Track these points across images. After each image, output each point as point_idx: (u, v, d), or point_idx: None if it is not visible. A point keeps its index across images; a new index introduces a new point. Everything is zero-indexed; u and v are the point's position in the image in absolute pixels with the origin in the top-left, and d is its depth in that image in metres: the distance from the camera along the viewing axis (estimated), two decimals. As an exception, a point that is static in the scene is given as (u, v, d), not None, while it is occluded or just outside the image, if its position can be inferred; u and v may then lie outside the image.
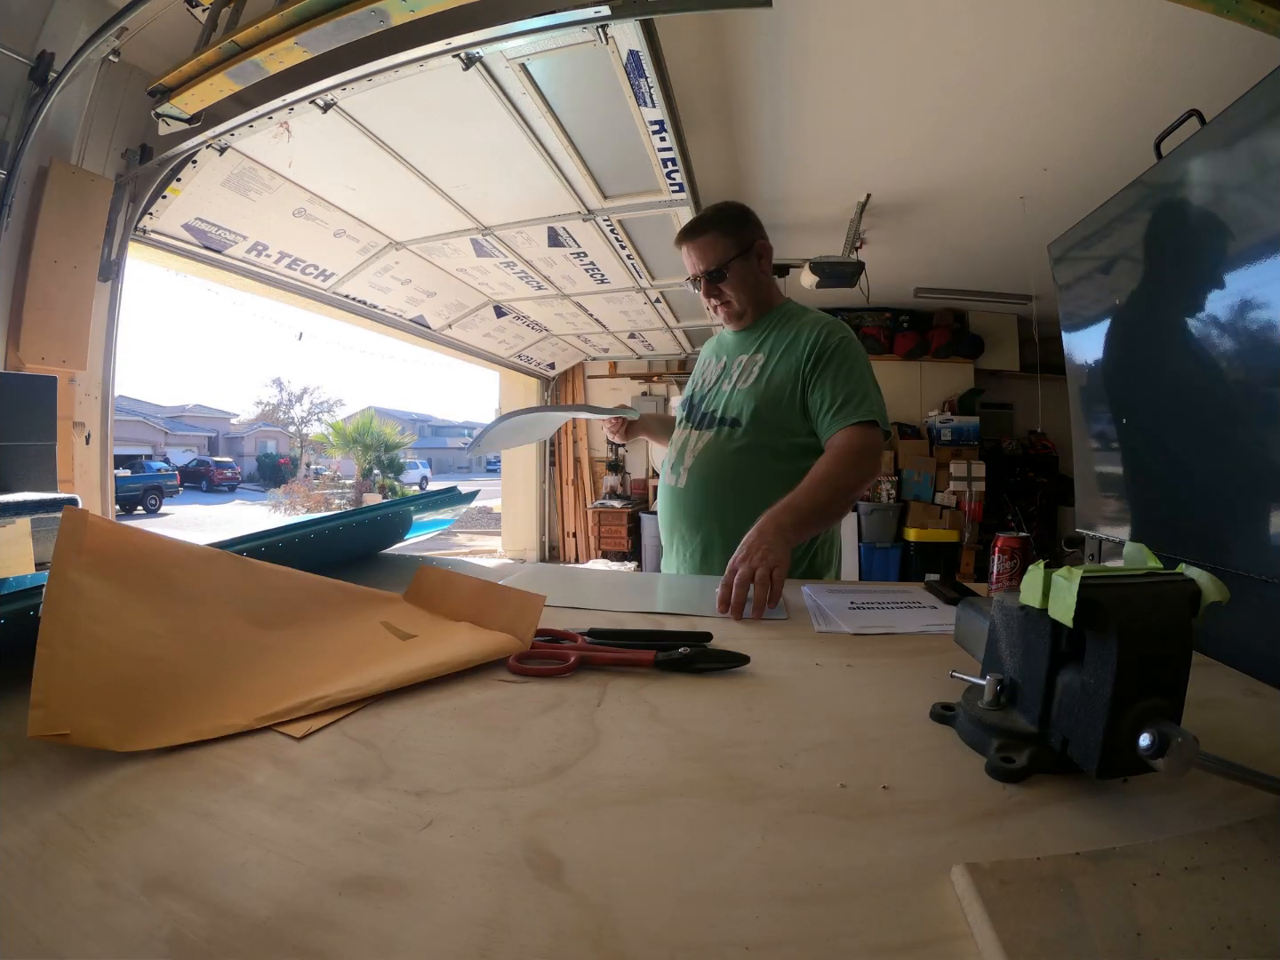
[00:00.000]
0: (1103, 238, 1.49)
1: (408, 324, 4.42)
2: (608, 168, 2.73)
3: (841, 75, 2.33)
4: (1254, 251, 1.03)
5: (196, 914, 0.30)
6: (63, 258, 2.16)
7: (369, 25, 1.57)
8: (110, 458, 2.53)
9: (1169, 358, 1.26)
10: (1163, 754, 0.36)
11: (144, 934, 0.29)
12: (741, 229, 1.29)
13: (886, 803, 0.40)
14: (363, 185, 2.85)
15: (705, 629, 0.70)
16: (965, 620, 0.59)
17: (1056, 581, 0.40)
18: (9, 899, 0.31)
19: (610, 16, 1.67)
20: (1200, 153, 1.15)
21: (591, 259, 3.73)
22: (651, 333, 5.57)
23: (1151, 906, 0.30)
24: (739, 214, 1.32)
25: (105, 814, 0.38)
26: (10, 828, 0.36)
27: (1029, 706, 0.45)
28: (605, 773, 0.44)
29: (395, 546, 1.19)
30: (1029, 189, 3.01)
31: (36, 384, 1.18)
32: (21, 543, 0.98)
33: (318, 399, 29.73)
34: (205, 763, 0.44)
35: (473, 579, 0.76)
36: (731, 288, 1.29)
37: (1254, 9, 1.28)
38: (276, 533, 0.74)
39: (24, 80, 1.97)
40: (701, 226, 1.29)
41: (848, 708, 0.55)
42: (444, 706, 0.54)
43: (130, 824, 0.37)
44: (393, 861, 0.34)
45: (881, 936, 0.30)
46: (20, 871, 0.33)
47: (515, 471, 7.10)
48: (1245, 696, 0.58)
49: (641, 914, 0.31)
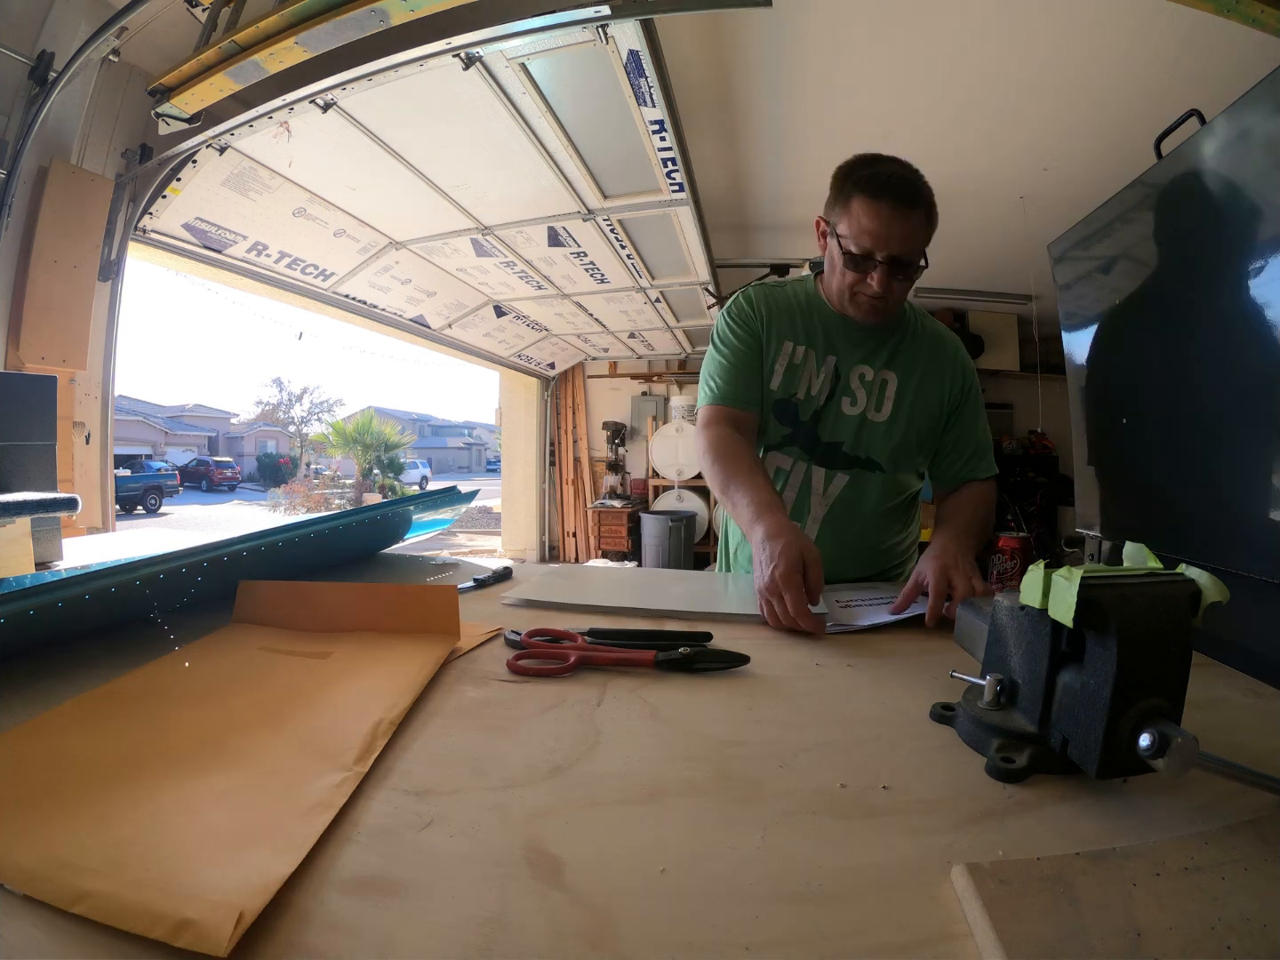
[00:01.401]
0: (1103, 238, 1.49)
1: (408, 324, 4.42)
2: (608, 167, 2.73)
3: (841, 75, 2.33)
4: (1254, 251, 1.03)
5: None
6: (63, 257, 2.16)
7: (369, 25, 1.57)
8: (110, 457, 2.54)
9: (1169, 358, 1.26)
10: (1163, 754, 0.36)
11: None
12: (934, 221, 1.00)
13: (886, 802, 0.40)
14: (363, 185, 2.85)
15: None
16: (965, 620, 0.59)
17: (1056, 581, 0.40)
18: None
19: (610, 16, 1.67)
20: (1200, 153, 1.15)
21: (591, 259, 3.72)
22: (651, 332, 5.56)
23: (1151, 906, 0.30)
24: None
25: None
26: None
27: (1029, 706, 0.45)
28: (605, 773, 0.44)
29: (395, 546, 1.19)
30: (1029, 189, 3.01)
31: (36, 384, 1.18)
32: (21, 542, 0.97)
33: (318, 399, 29.82)
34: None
35: (349, 585, 0.71)
36: (903, 288, 1.01)
37: (1254, 9, 1.28)
38: (276, 532, 0.74)
39: (24, 80, 1.97)
40: (918, 198, 0.96)
41: (848, 708, 0.55)
42: (444, 706, 0.54)
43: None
44: (393, 861, 0.34)
45: (881, 936, 0.30)
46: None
47: (515, 471, 7.10)
48: (1245, 696, 0.57)
49: (641, 914, 0.31)
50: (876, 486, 1.07)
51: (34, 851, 0.33)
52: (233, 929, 0.27)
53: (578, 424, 7.01)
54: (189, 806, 0.38)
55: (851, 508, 1.07)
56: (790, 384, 1.08)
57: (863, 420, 1.07)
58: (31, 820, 0.35)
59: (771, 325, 1.09)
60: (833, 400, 1.07)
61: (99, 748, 0.44)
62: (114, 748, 0.44)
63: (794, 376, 1.08)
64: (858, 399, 1.07)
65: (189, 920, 0.28)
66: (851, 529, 1.08)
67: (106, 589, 0.59)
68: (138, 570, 0.61)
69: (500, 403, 7.35)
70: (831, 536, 1.06)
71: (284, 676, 0.57)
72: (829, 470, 1.07)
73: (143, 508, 14.92)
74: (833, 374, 1.07)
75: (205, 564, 0.67)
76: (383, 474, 14.69)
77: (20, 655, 0.59)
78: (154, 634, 0.66)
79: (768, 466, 1.08)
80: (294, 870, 0.32)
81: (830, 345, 1.08)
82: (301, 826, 0.35)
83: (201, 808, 0.37)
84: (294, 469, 22.66)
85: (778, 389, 1.08)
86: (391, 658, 0.61)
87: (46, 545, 1.05)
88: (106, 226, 2.31)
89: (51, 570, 1.01)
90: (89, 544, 1.39)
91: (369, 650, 0.63)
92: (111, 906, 0.29)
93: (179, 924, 0.28)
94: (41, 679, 0.55)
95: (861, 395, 1.07)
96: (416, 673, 0.57)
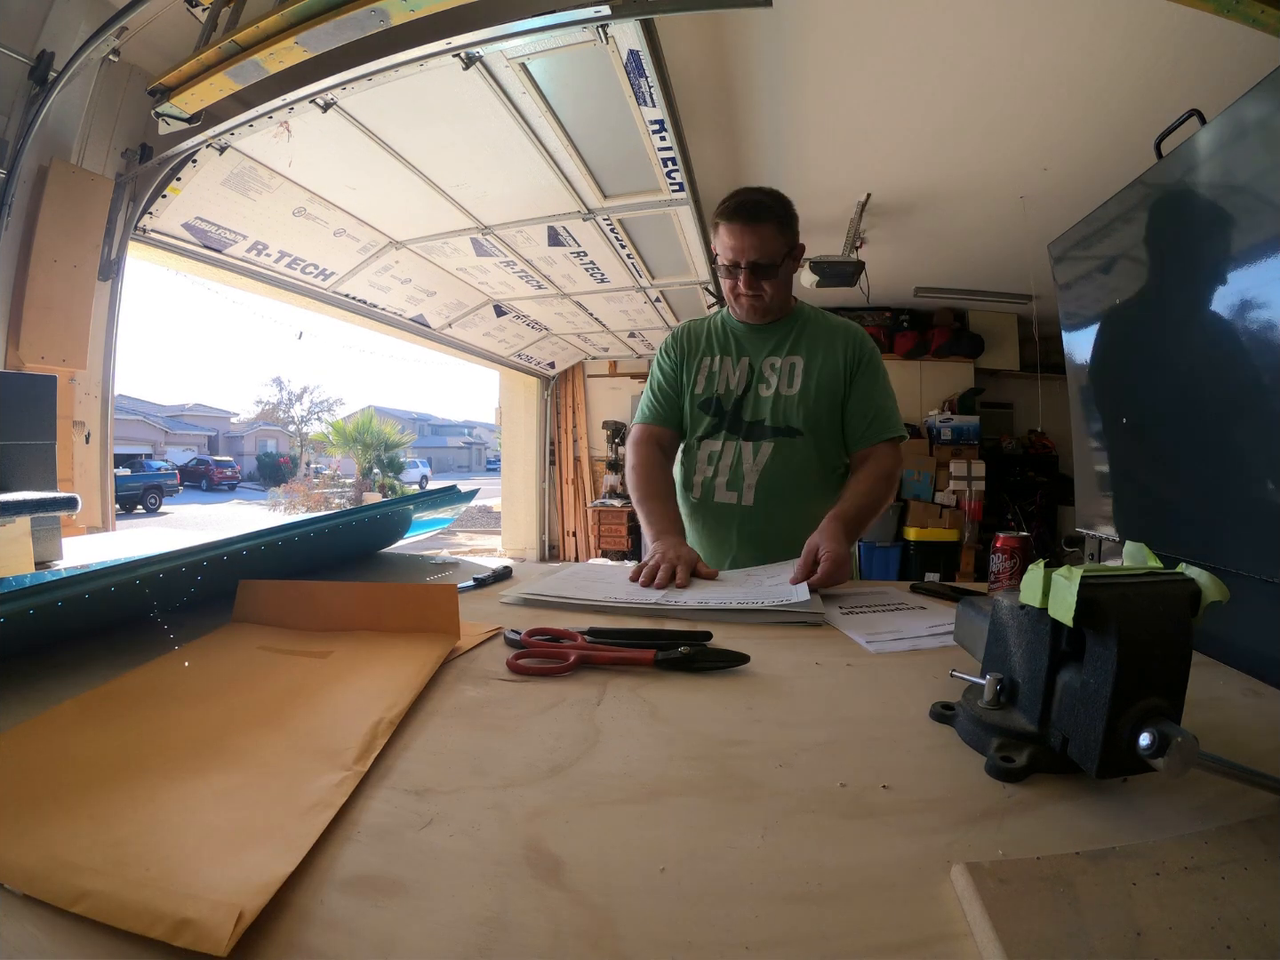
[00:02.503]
0: (1103, 238, 1.49)
1: (408, 323, 4.42)
2: (608, 167, 2.73)
3: (842, 75, 2.33)
4: (1254, 251, 1.03)
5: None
6: (63, 257, 2.16)
7: (369, 25, 1.57)
8: (110, 457, 2.54)
9: (1169, 357, 1.26)
10: (1163, 754, 0.36)
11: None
12: (794, 226, 1.23)
13: (886, 802, 0.40)
14: (363, 185, 2.85)
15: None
16: (965, 620, 0.59)
17: (1056, 581, 0.40)
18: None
19: (610, 16, 1.67)
20: (1200, 153, 1.15)
21: (591, 258, 3.72)
22: (651, 332, 5.56)
23: (1151, 906, 0.30)
24: (792, 209, 1.23)
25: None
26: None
27: (1029, 706, 0.45)
28: (605, 772, 0.44)
29: (395, 545, 1.19)
30: (1029, 189, 3.01)
31: (36, 383, 1.18)
32: (21, 542, 0.97)
33: (318, 398, 29.79)
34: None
35: (349, 585, 0.71)
36: (773, 285, 1.22)
37: (1254, 9, 1.28)
38: (276, 532, 0.74)
39: (24, 80, 1.97)
40: (762, 214, 1.17)
41: (848, 707, 0.55)
42: (444, 706, 0.54)
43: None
44: (393, 861, 0.34)
45: (881, 936, 0.30)
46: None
47: (515, 470, 7.10)
48: (1245, 696, 0.57)
49: (641, 914, 0.31)
50: (798, 450, 1.22)
51: (34, 851, 0.33)
52: (232, 928, 0.27)
53: (578, 423, 7.01)
54: (189, 806, 0.37)
55: (779, 471, 1.22)
56: (711, 386, 1.29)
57: (778, 396, 1.24)
58: (31, 820, 0.35)
59: (690, 351, 1.33)
60: (750, 389, 1.27)
61: (99, 748, 0.44)
62: (114, 748, 0.44)
63: (713, 380, 1.29)
64: (771, 383, 1.26)
65: (189, 920, 0.28)
66: (782, 488, 1.21)
67: (106, 589, 0.59)
68: (138, 570, 0.61)
69: (500, 402, 7.35)
70: (767, 499, 1.21)
71: (284, 676, 0.57)
72: (755, 443, 1.24)
73: (143, 507, 14.92)
74: (747, 370, 1.28)
75: (205, 564, 0.67)
76: (382, 473, 14.68)
77: (20, 655, 0.59)
78: (154, 634, 0.66)
79: (701, 453, 1.28)
80: (294, 870, 0.32)
81: (741, 349, 1.30)
82: (301, 826, 0.35)
83: (201, 808, 0.37)
84: (294, 468, 22.66)
85: (701, 392, 1.29)
86: (391, 657, 0.61)
87: (46, 545, 1.05)
88: (106, 226, 2.31)
89: (51, 570, 1.01)
90: (89, 543, 1.39)
91: (369, 650, 0.63)
92: (111, 906, 0.29)
93: (179, 923, 0.28)
94: (41, 679, 0.55)
95: (774, 379, 1.26)
96: (416, 672, 0.57)
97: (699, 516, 1.26)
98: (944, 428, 5.26)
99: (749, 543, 1.21)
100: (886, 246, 3.82)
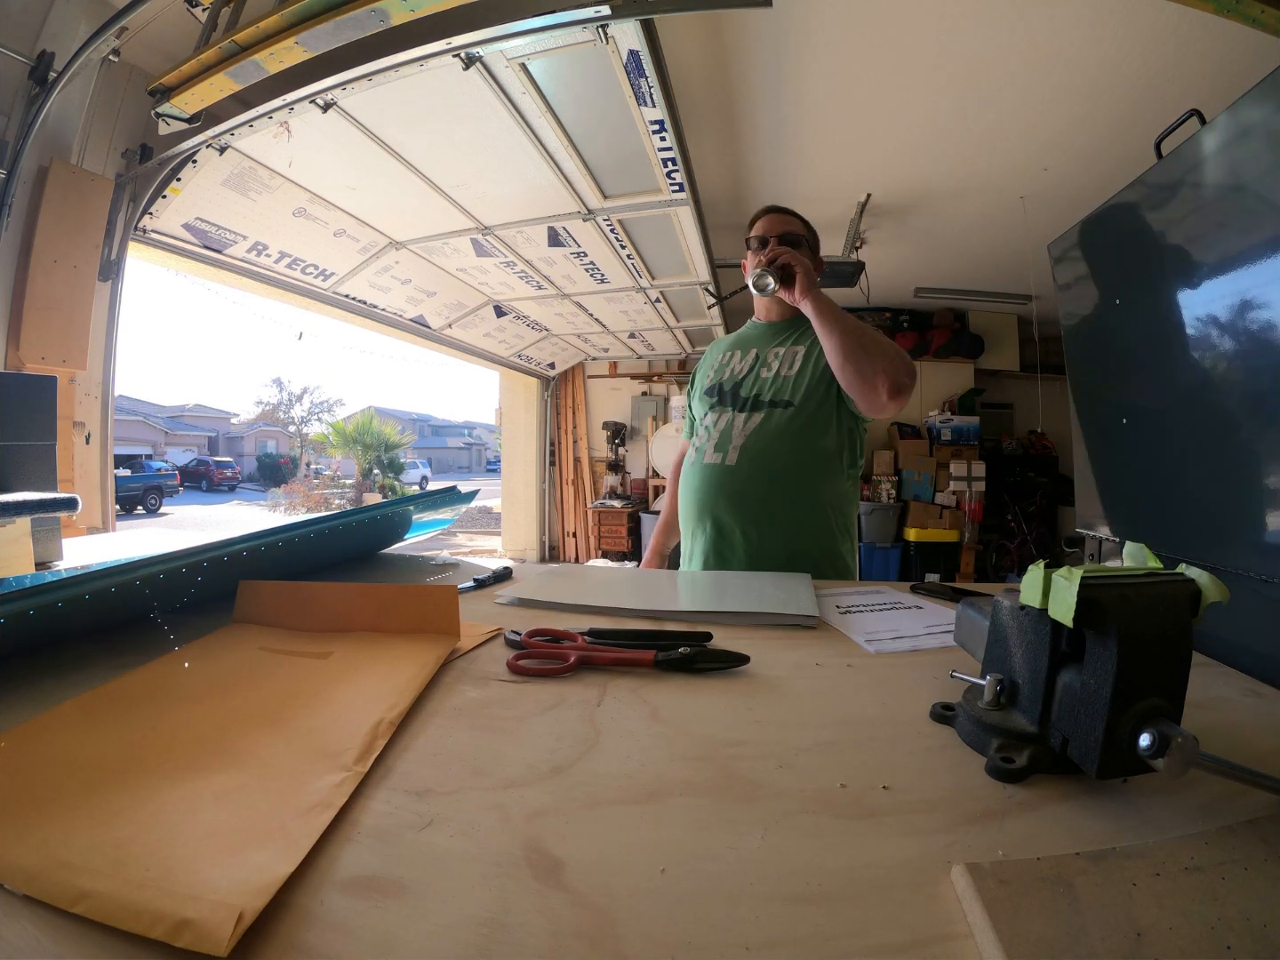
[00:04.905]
0: (1103, 238, 1.49)
1: (408, 324, 4.42)
2: (608, 167, 2.73)
3: (842, 75, 2.33)
4: (1254, 251, 1.03)
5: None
6: (63, 257, 2.16)
7: (369, 25, 1.57)
8: (110, 457, 2.54)
9: (1169, 358, 1.26)
10: (1163, 754, 0.36)
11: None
12: (816, 239, 1.43)
13: (886, 803, 0.40)
14: (363, 185, 2.85)
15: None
16: (965, 620, 0.59)
17: (1056, 581, 0.40)
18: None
19: (610, 16, 1.67)
20: (1200, 152, 1.15)
21: (591, 259, 3.72)
22: (651, 332, 5.56)
23: (1151, 906, 0.30)
24: (815, 231, 1.45)
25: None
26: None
27: (1029, 706, 0.45)
28: (605, 773, 0.44)
29: (395, 546, 1.19)
30: (1029, 189, 3.01)
31: (36, 384, 1.18)
32: (21, 542, 0.97)
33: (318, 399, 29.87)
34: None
35: (349, 585, 0.71)
36: (798, 253, 1.33)
37: (1254, 9, 1.28)
38: (276, 532, 0.74)
39: (24, 80, 1.97)
40: (791, 212, 1.40)
41: (848, 708, 0.55)
42: (444, 706, 0.54)
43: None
44: (393, 862, 0.34)
45: (881, 936, 0.30)
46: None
47: (515, 471, 7.10)
48: (1245, 696, 0.57)
49: (641, 914, 0.31)
50: (785, 418, 1.28)
51: (34, 852, 0.32)
52: (233, 929, 0.27)
53: (578, 424, 7.01)
54: (189, 807, 0.37)
55: (763, 436, 1.28)
56: (719, 375, 1.41)
57: (777, 375, 1.33)
58: (31, 820, 0.35)
59: (707, 359, 1.49)
60: (752, 371, 1.37)
61: (99, 748, 0.44)
62: (114, 748, 0.44)
63: (722, 370, 1.41)
64: (772, 365, 1.35)
65: (189, 920, 0.28)
66: (763, 450, 1.27)
67: (106, 589, 0.59)
68: (138, 570, 0.61)
69: (500, 403, 7.35)
70: (749, 460, 1.27)
71: (284, 677, 0.57)
72: (748, 413, 1.32)
73: (143, 507, 14.93)
74: (753, 359, 1.39)
75: (205, 564, 0.67)
76: (383, 474, 14.69)
77: (20, 655, 0.59)
78: (154, 634, 0.66)
79: (700, 433, 1.38)
80: (294, 870, 0.32)
81: (751, 344, 1.42)
82: (301, 826, 0.35)
83: (202, 808, 0.37)
84: (294, 469, 22.66)
85: (710, 382, 1.42)
86: (391, 658, 0.61)
87: (46, 545, 1.05)
88: (106, 226, 2.31)
89: (51, 570, 1.01)
90: (89, 544, 1.39)
91: (369, 650, 0.63)
92: (111, 906, 0.29)
93: (179, 924, 0.28)
94: (41, 679, 0.55)
95: (776, 363, 1.35)
96: (416, 673, 0.57)
97: (689, 478, 1.36)
98: (944, 428, 5.26)
99: (729, 502, 1.27)
100: (886, 247, 3.82)
